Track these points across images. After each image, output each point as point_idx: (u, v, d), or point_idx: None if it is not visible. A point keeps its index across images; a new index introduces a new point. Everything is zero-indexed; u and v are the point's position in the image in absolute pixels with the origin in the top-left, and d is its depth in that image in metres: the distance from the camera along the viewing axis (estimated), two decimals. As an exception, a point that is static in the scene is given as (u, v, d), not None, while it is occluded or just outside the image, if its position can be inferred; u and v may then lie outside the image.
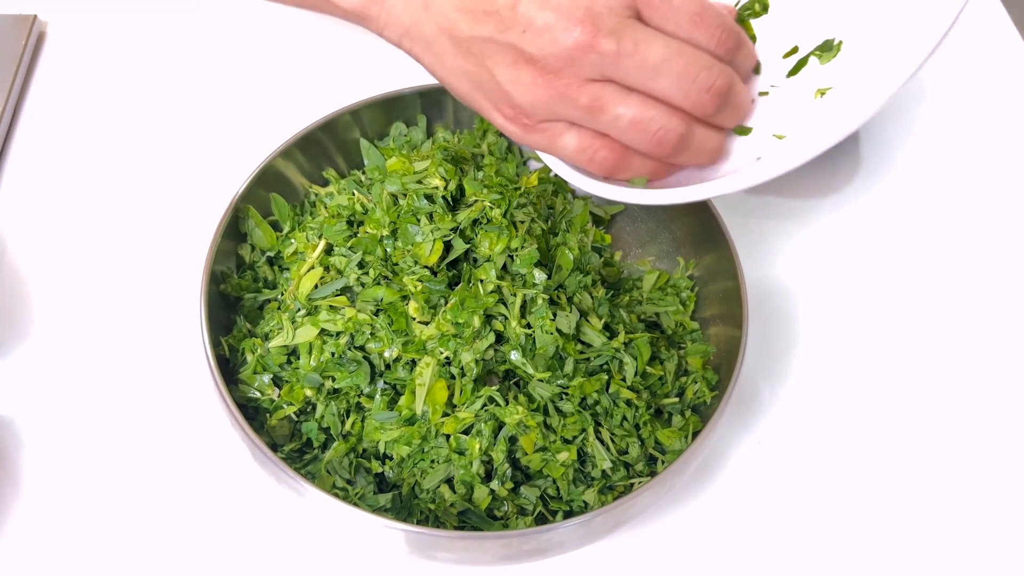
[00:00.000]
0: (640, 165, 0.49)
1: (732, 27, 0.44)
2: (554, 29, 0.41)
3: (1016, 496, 0.57)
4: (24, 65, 0.73)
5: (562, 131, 0.47)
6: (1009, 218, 0.71)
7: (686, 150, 0.47)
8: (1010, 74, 0.82)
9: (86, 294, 0.62)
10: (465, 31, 0.45)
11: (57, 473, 0.54)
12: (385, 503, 0.48)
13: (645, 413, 0.52)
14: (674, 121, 0.44)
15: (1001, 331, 0.65)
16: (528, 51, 0.42)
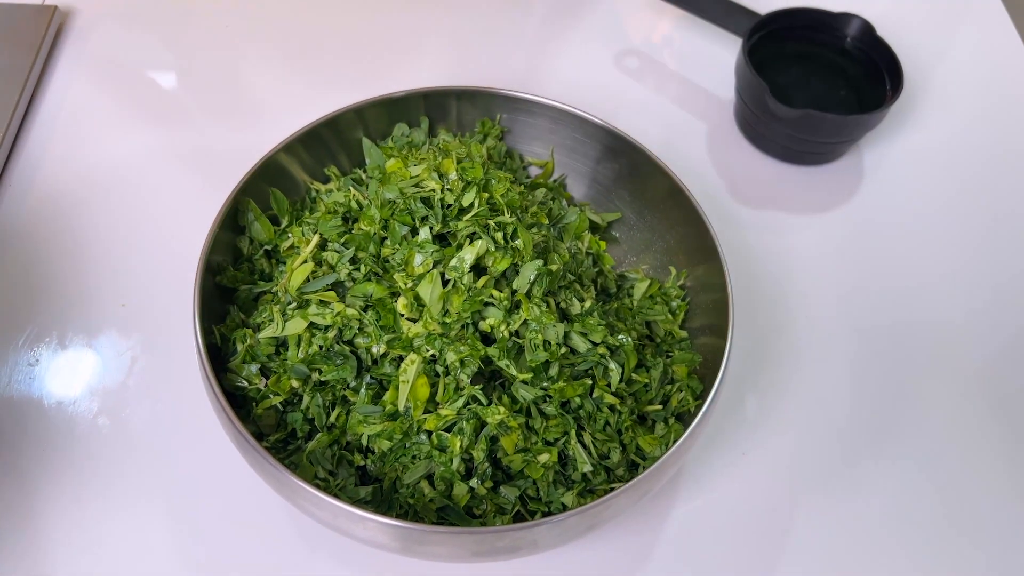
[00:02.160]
0: None
1: None
2: None
3: (1012, 516, 0.57)
4: (43, 55, 0.75)
5: None
6: (1012, 230, 0.71)
7: None
8: (1010, 80, 0.82)
9: (96, 280, 0.63)
10: None
11: (49, 454, 0.56)
12: (366, 495, 0.49)
13: (628, 419, 0.52)
14: None
15: (996, 345, 0.65)
16: None
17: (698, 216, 0.58)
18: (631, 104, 0.79)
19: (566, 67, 0.81)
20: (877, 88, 0.74)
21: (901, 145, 0.77)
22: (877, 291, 0.68)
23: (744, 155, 0.76)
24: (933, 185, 0.75)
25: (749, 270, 0.68)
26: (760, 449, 0.59)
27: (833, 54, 0.76)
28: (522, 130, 0.66)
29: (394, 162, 0.57)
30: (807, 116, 0.68)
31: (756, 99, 0.71)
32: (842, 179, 0.75)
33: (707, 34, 0.82)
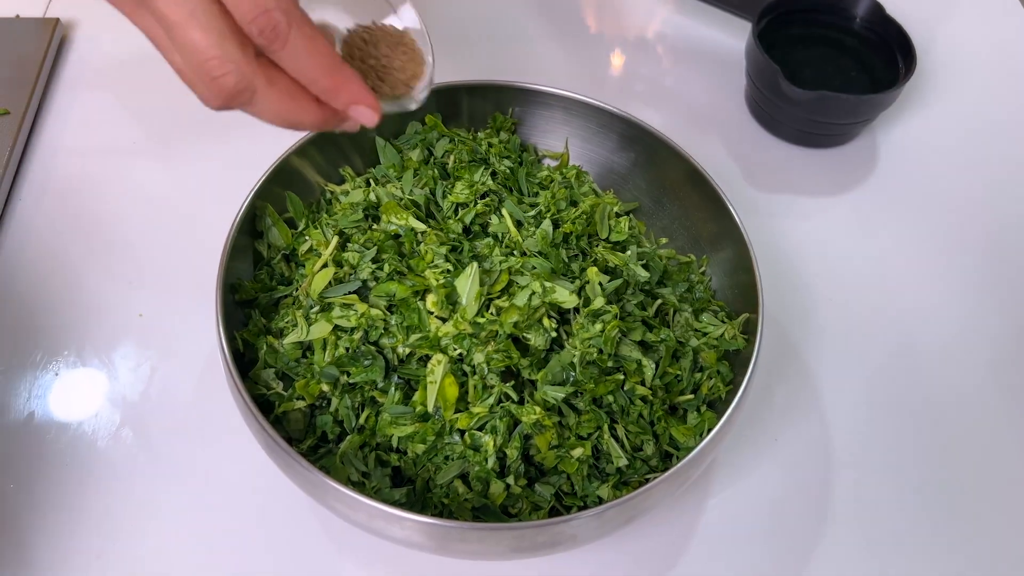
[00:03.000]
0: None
1: (278, 16, 0.36)
2: None
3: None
4: (47, 69, 0.74)
5: None
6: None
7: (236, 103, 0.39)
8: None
9: (112, 290, 0.62)
10: None
11: (73, 469, 0.55)
12: (400, 497, 0.48)
13: (660, 410, 0.52)
14: (199, 85, 0.38)
15: (1019, 325, 0.64)
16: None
17: (720, 200, 0.57)
18: (640, 92, 0.78)
19: (574, 57, 0.81)
20: (889, 67, 0.73)
21: (915, 124, 0.77)
22: (897, 272, 0.67)
23: (756, 139, 0.75)
24: (949, 163, 0.74)
25: (766, 255, 0.67)
26: (791, 434, 0.59)
27: (843, 35, 0.76)
28: (535, 122, 0.65)
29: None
30: (822, 98, 0.67)
31: (768, 82, 0.70)
32: (857, 160, 0.74)
33: (715, 19, 0.82)
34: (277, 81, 0.38)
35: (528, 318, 0.48)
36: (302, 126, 0.39)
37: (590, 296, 0.51)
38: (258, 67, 0.37)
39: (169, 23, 0.36)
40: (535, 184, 0.61)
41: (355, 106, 0.39)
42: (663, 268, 0.57)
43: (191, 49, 0.36)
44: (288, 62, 0.37)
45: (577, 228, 0.55)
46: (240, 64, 0.36)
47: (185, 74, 0.38)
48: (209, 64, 0.36)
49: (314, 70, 0.38)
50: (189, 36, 0.35)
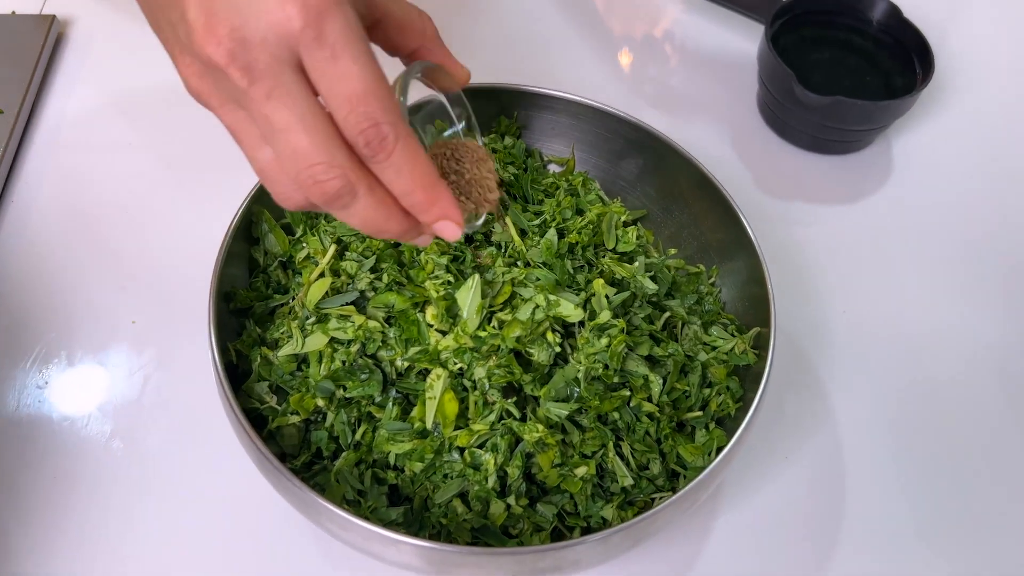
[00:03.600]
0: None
1: (387, 130, 0.36)
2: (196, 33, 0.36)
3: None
4: (43, 66, 0.72)
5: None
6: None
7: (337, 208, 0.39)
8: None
9: (105, 296, 0.61)
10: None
11: (61, 480, 0.53)
12: (397, 516, 0.47)
13: (667, 427, 0.50)
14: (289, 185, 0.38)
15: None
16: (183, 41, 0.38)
17: (731, 209, 0.55)
18: (649, 96, 0.76)
19: (580, 60, 0.79)
20: (905, 72, 0.71)
21: (931, 130, 0.75)
22: (912, 284, 0.65)
23: (768, 145, 0.73)
24: (966, 171, 0.72)
25: (777, 265, 0.65)
26: (802, 452, 0.57)
27: (859, 38, 0.74)
28: (540, 127, 0.63)
29: None
30: (837, 103, 0.65)
31: (781, 87, 0.68)
32: (871, 168, 0.72)
33: (727, 21, 0.80)
34: (376, 190, 0.37)
35: (531, 332, 0.46)
36: (383, 234, 0.39)
37: (596, 309, 0.50)
38: (362, 174, 0.37)
39: (273, 127, 0.35)
40: (540, 191, 0.59)
41: (443, 222, 0.39)
42: (671, 279, 0.55)
43: (296, 154, 0.35)
44: (388, 174, 0.37)
45: (583, 238, 0.53)
46: (347, 171, 0.36)
47: (273, 173, 0.37)
48: (314, 169, 0.35)
49: (412, 184, 0.37)
50: (296, 141, 0.35)
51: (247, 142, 0.38)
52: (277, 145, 0.36)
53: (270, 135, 0.36)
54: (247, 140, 0.37)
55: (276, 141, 0.36)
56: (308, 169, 0.35)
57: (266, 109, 0.35)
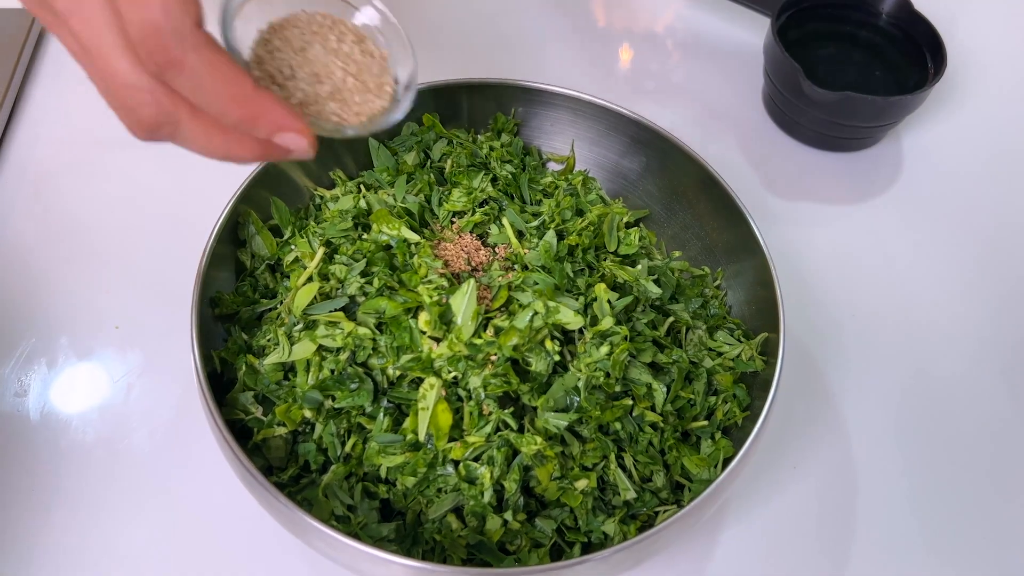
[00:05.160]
0: None
1: (169, 40, 0.31)
2: None
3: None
4: (24, 62, 0.70)
5: None
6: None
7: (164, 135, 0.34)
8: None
9: (87, 300, 0.59)
10: None
11: (39, 492, 0.51)
12: (388, 533, 0.44)
13: (671, 437, 0.48)
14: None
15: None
16: None
17: (737, 209, 0.53)
18: (651, 92, 0.74)
19: (580, 54, 0.76)
20: (916, 67, 0.69)
21: (942, 127, 0.72)
22: (924, 286, 0.63)
23: (775, 142, 0.71)
24: (979, 169, 0.70)
25: (784, 266, 0.63)
26: (811, 462, 0.55)
27: (868, 32, 0.72)
28: (539, 124, 0.61)
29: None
30: (846, 99, 0.63)
31: (788, 82, 0.66)
32: (881, 165, 0.70)
33: (732, 13, 0.78)
34: (200, 115, 0.33)
35: (529, 340, 0.44)
36: (240, 159, 0.35)
37: (597, 315, 0.47)
38: (178, 96, 0.32)
39: (84, 46, 0.32)
40: (538, 191, 0.57)
41: (281, 134, 0.34)
42: (675, 283, 0.53)
43: (105, 77, 0.32)
44: (190, 92, 0.32)
45: (584, 240, 0.51)
46: (156, 94, 0.32)
47: (110, 103, 0.33)
48: (124, 93, 0.32)
49: (220, 100, 0.33)
50: (103, 62, 0.31)
51: (89, 72, 0.33)
52: (91, 68, 0.32)
53: (87, 58, 0.32)
54: (88, 69, 0.33)
55: (89, 63, 0.32)
56: (119, 93, 0.32)
57: (73, 26, 0.31)
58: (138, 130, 0.33)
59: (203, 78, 0.32)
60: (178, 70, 0.31)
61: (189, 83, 0.32)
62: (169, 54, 0.31)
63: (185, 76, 0.31)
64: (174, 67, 0.31)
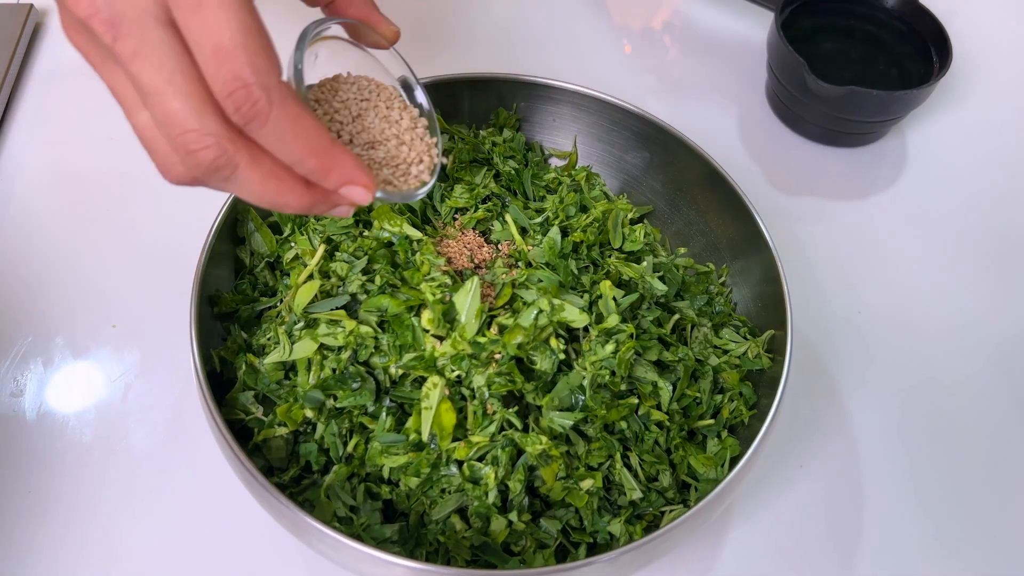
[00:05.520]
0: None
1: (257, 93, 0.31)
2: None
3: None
4: (19, 57, 0.69)
5: None
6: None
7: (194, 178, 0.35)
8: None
9: (83, 299, 0.58)
10: None
11: (35, 493, 0.50)
12: (392, 535, 0.44)
13: (677, 436, 0.47)
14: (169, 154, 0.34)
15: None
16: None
17: (742, 204, 0.53)
18: (654, 86, 0.74)
19: (582, 48, 0.76)
20: (921, 61, 0.68)
21: (947, 122, 0.72)
22: (931, 281, 0.63)
23: (778, 137, 0.71)
24: (984, 164, 0.69)
25: (788, 261, 0.62)
26: (818, 460, 0.54)
27: (873, 26, 0.71)
28: (542, 119, 0.61)
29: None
30: (851, 93, 0.62)
31: (792, 77, 0.65)
32: (885, 161, 0.70)
33: (734, 7, 0.77)
34: (261, 160, 0.33)
35: (534, 339, 0.44)
36: (286, 209, 0.35)
37: (603, 312, 0.47)
38: (241, 143, 0.32)
39: (144, 89, 0.32)
40: (541, 187, 0.56)
41: (347, 187, 0.35)
42: (681, 280, 0.52)
43: (168, 119, 0.32)
44: (269, 142, 0.33)
45: (588, 237, 0.50)
46: (221, 139, 0.32)
47: (151, 140, 0.34)
48: (186, 137, 0.32)
49: (299, 151, 0.33)
50: (165, 105, 0.31)
51: (125, 104, 0.34)
52: (150, 109, 0.32)
53: (145, 100, 0.32)
54: (125, 102, 0.34)
55: (151, 106, 0.32)
56: (180, 137, 0.32)
57: (133, 68, 0.31)
58: (188, 172, 0.33)
59: (285, 131, 0.32)
60: (261, 123, 0.32)
61: (271, 135, 0.32)
62: (256, 108, 0.31)
63: (266, 128, 0.32)
64: (258, 120, 0.32)
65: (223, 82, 0.31)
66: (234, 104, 0.31)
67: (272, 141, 0.33)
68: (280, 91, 0.32)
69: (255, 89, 0.31)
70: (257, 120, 0.32)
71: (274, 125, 0.32)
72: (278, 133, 0.32)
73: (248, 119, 0.32)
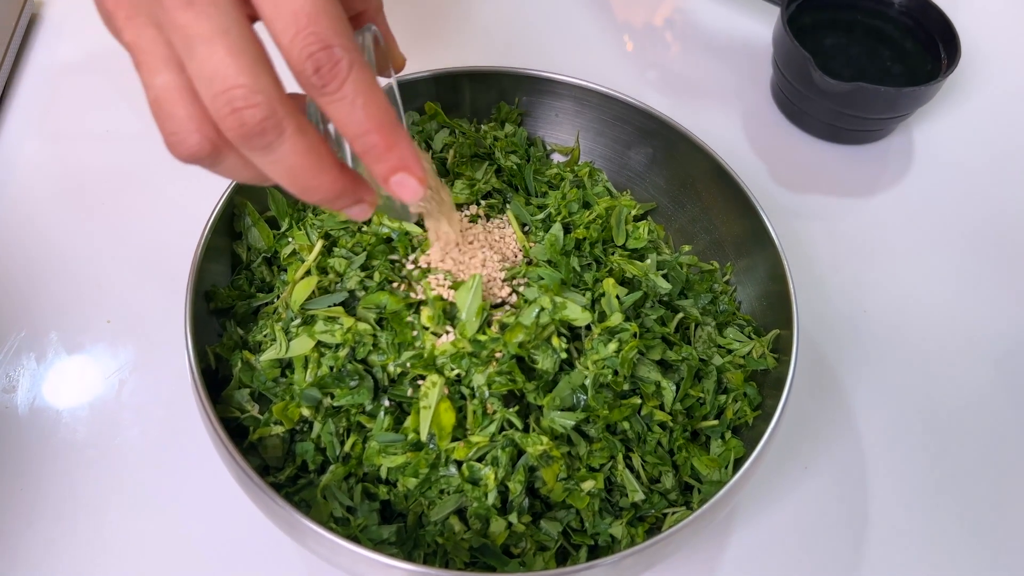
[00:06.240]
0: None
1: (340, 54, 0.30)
2: None
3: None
4: (15, 48, 0.68)
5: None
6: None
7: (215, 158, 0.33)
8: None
9: (78, 294, 0.57)
10: None
11: (30, 491, 0.50)
12: (389, 536, 0.43)
13: (680, 437, 0.46)
14: (188, 119, 0.32)
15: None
16: None
17: (747, 201, 0.52)
18: (657, 81, 0.73)
19: (585, 42, 0.75)
20: (929, 57, 0.68)
21: (954, 119, 0.71)
22: (937, 280, 0.62)
23: (783, 134, 0.70)
24: (991, 162, 0.69)
25: (792, 259, 0.62)
26: (823, 462, 0.53)
27: (879, 21, 0.70)
28: (544, 113, 0.60)
29: None
30: (858, 90, 0.62)
31: (798, 72, 0.65)
32: (891, 158, 0.69)
33: (740, 3, 0.76)
34: (308, 130, 0.31)
35: (535, 337, 0.43)
36: (312, 193, 0.33)
37: (605, 310, 0.46)
38: (292, 108, 0.31)
39: (190, 37, 0.29)
40: (543, 183, 0.56)
41: (400, 174, 0.32)
42: (685, 278, 0.52)
43: (215, 72, 0.29)
44: (339, 108, 0.31)
45: (591, 234, 0.50)
46: (272, 99, 0.29)
47: (171, 102, 0.31)
48: (234, 92, 0.29)
49: (368, 121, 0.31)
50: (214, 56, 0.29)
51: (147, 64, 0.31)
52: (193, 61, 0.29)
53: (186, 49, 0.29)
54: (148, 61, 0.31)
55: (193, 55, 0.29)
56: (226, 93, 0.29)
57: (184, 17, 0.29)
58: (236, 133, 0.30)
59: (360, 97, 0.31)
60: (339, 84, 0.30)
61: (345, 100, 0.31)
62: (338, 68, 0.30)
63: (343, 92, 0.30)
64: (337, 81, 0.30)
65: (304, 43, 0.29)
66: (315, 64, 0.29)
67: (344, 108, 0.31)
68: (360, 57, 0.30)
69: (338, 50, 0.30)
70: (335, 81, 0.30)
71: (349, 89, 0.30)
72: (352, 98, 0.30)
73: (327, 80, 0.30)
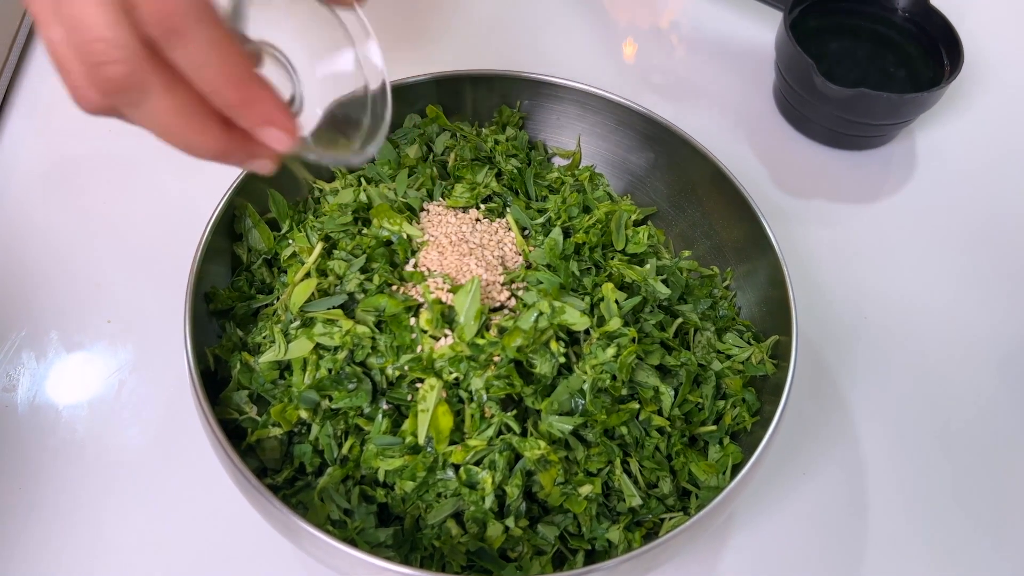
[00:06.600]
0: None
1: (182, 6, 0.29)
2: None
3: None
4: (18, 48, 0.68)
5: None
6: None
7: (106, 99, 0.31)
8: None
9: (78, 293, 0.57)
10: None
11: (29, 490, 0.50)
12: (386, 539, 0.43)
13: (678, 442, 0.46)
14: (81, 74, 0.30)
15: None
16: None
17: (748, 207, 0.52)
18: (659, 86, 0.73)
19: (588, 46, 0.75)
20: (931, 63, 0.67)
21: (957, 125, 0.71)
22: (938, 287, 0.62)
23: (786, 140, 0.70)
24: (994, 169, 0.68)
25: (793, 265, 0.61)
26: (821, 468, 0.53)
27: (883, 27, 0.70)
28: (545, 117, 0.60)
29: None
30: (860, 95, 0.61)
31: (801, 78, 0.64)
32: (894, 164, 0.69)
33: (743, 7, 0.76)
34: (177, 89, 0.30)
35: (534, 341, 0.43)
36: (196, 151, 0.32)
37: (604, 315, 0.46)
38: (158, 65, 0.30)
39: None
40: (544, 187, 0.56)
41: (266, 127, 0.32)
42: (684, 283, 0.52)
43: (77, 23, 0.29)
44: (187, 64, 0.30)
45: (591, 238, 0.50)
46: (133, 54, 0.29)
47: (63, 58, 0.30)
48: (94, 46, 0.29)
49: (218, 78, 0.30)
50: (81, 6, 0.28)
51: (41, 15, 0.30)
52: (61, 9, 0.29)
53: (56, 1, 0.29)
54: (41, 13, 0.30)
55: (60, 7, 0.29)
56: (88, 46, 0.29)
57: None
58: (93, 91, 0.30)
59: (205, 52, 0.30)
60: (179, 39, 0.29)
61: (188, 55, 0.30)
62: (173, 22, 0.29)
63: (184, 47, 0.29)
64: (176, 35, 0.29)
65: (148, 6, 0.29)
66: (155, 16, 0.29)
67: (189, 62, 0.30)
68: (206, 10, 0.29)
69: (180, 3, 0.29)
70: (176, 36, 0.29)
71: (194, 45, 0.29)
72: (197, 54, 0.30)
73: (167, 33, 0.29)
